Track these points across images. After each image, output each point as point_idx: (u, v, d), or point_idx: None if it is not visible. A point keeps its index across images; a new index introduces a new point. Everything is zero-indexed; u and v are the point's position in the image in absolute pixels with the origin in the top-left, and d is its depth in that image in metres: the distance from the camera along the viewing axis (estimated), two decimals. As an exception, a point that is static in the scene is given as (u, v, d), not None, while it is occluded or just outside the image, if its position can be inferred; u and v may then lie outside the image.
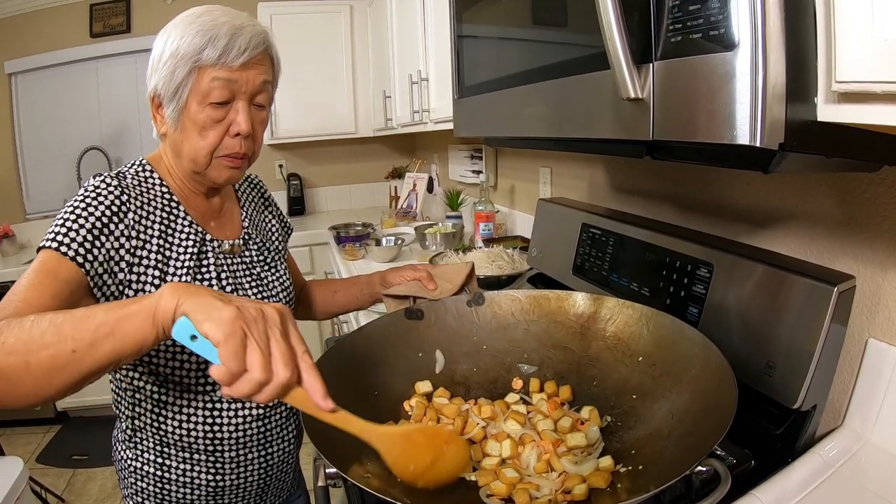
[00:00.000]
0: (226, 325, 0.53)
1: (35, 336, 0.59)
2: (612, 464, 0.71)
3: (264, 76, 0.87)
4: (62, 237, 0.75)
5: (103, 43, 3.34)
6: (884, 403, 0.81)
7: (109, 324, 0.59)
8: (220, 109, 0.84)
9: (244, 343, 0.53)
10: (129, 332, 0.58)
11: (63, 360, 0.58)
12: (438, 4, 1.87)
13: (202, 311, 0.54)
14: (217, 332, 0.53)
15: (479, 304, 0.98)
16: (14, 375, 0.59)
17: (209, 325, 0.53)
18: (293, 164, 3.82)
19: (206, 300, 0.55)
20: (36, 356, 0.58)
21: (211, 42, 0.80)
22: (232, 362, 0.52)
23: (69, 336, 0.58)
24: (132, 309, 0.59)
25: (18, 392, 0.60)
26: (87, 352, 0.58)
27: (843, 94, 0.49)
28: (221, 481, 0.94)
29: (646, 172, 1.34)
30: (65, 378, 0.60)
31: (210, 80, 0.81)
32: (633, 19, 0.60)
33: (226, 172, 0.89)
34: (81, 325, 0.59)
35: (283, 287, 1.03)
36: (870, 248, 0.84)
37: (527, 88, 0.88)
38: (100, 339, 0.58)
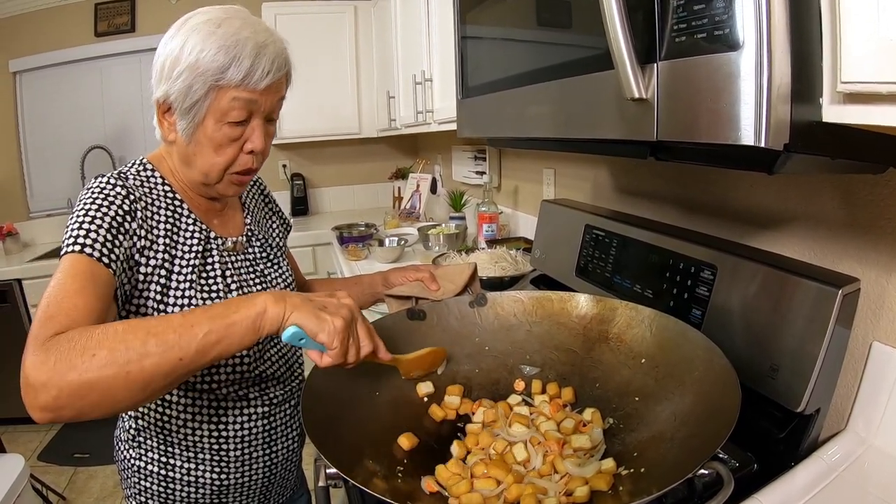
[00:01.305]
0: (339, 334, 0.67)
1: (135, 346, 0.61)
2: (615, 466, 0.70)
3: (281, 94, 0.87)
4: (83, 239, 0.74)
5: (108, 42, 3.34)
6: (888, 407, 0.81)
7: (217, 331, 0.64)
8: (237, 128, 0.83)
9: (348, 343, 0.69)
10: (235, 339, 0.65)
11: (167, 367, 0.62)
12: (443, 5, 1.87)
13: (314, 324, 0.66)
14: (332, 341, 0.67)
15: (481, 305, 0.98)
16: (109, 387, 0.60)
17: (324, 336, 0.66)
18: (297, 164, 3.82)
19: (312, 312, 0.67)
20: (137, 365, 0.61)
21: (234, 62, 0.78)
22: (340, 358, 0.68)
23: (175, 345, 0.62)
24: (236, 318, 0.65)
25: (108, 402, 0.62)
26: (193, 359, 0.63)
27: (849, 95, 0.49)
28: (226, 480, 0.94)
29: (650, 174, 1.33)
30: (162, 384, 0.63)
31: (230, 99, 0.80)
32: (638, 19, 0.60)
33: (233, 188, 0.90)
34: (187, 334, 0.63)
35: (287, 283, 1.03)
36: (874, 251, 0.83)
37: (530, 89, 0.88)
38: (207, 347, 0.64)
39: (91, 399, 0.60)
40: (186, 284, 0.85)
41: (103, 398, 0.61)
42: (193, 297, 0.85)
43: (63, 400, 0.59)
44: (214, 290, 0.88)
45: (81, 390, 0.59)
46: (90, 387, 0.60)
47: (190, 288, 0.85)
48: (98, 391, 0.60)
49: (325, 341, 0.66)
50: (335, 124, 3.39)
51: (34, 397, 0.60)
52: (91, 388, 0.60)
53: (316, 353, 0.69)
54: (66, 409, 0.60)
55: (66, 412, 0.60)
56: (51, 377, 0.59)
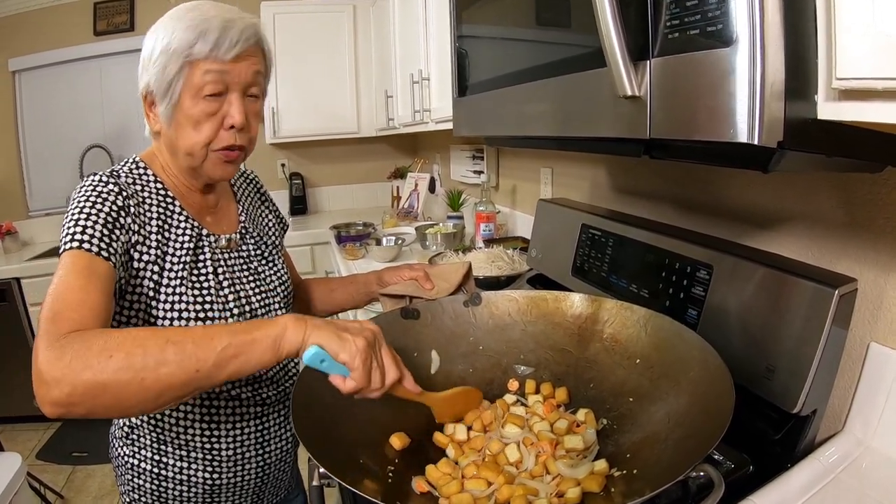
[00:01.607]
0: (361, 353, 0.65)
1: (153, 352, 0.61)
2: (607, 467, 0.70)
3: (256, 67, 0.86)
4: (80, 235, 0.74)
5: (107, 41, 3.35)
6: (885, 408, 0.80)
7: (235, 346, 0.63)
8: (214, 102, 0.83)
9: (371, 365, 0.67)
10: (254, 357, 0.64)
11: (183, 378, 0.62)
12: (440, 3, 1.86)
13: (335, 343, 0.65)
14: (353, 360, 0.65)
15: (476, 305, 0.97)
16: (122, 390, 0.60)
17: (345, 355, 0.65)
18: (295, 163, 3.82)
19: (333, 332, 0.66)
20: (153, 373, 0.61)
21: (202, 36, 0.79)
22: (364, 381, 0.66)
23: (193, 355, 0.62)
24: (256, 335, 0.65)
25: (120, 405, 0.62)
26: (210, 372, 0.63)
27: (844, 92, 0.48)
28: (218, 479, 0.93)
29: (647, 173, 1.33)
30: (176, 394, 0.63)
31: (202, 73, 0.81)
32: (631, 16, 0.59)
33: (221, 167, 0.89)
34: (206, 346, 0.62)
35: (281, 282, 1.02)
36: (873, 251, 0.83)
37: (525, 87, 0.87)
38: (225, 361, 0.63)
39: (103, 400, 0.60)
40: (177, 281, 0.85)
41: (116, 401, 0.61)
42: (184, 294, 0.85)
43: (76, 397, 0.60)
44: (206, 287, 0.88)
45: (95, 390, 0.60)
46: (103, 388, 0.60)
47: (181, 285, 0.85)
48: (111, 393, 0.60)
49: (346, 360, 0.65)
50: (334, 123, 3.39)
51: (46, 392, 0.60)
52: (104, 390, 0.60)
53: (339, 378, 0.67)
54: (77, 407, 0.60)
55: (77, 409, 0.61)
56: (65, 374, 0.59)
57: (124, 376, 0.60)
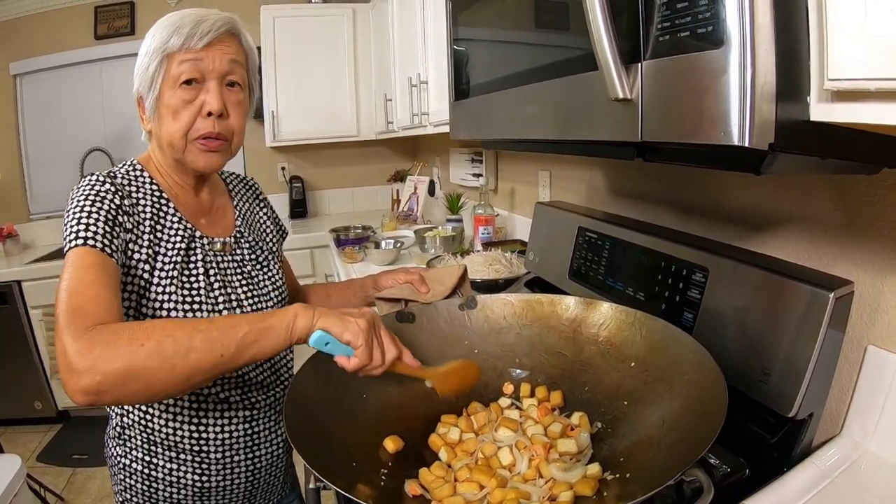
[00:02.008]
0: (363, 333, 0.72)
1: (182, 340, 0.66)
2: (600, 471, 0.69)
3: (231, 55, 0.88)
4: (85, 233, 0.76)
5: (108, 45, 3.35)
6: (883, 411, 0.80)
7: (254, 333, 0.69)
8: (190, 90, 0.86)
9: (373, 344, 0.73)
10: (269, 342, 0.70)
11: (210, 363, 0.67)
12: (437, 7, 1.86)
13: (339, 325, 0.72)
14: (357, 339, 0.71)
15: (471, 308, 0.97)
16: (152, 376, 0.64)
17: (349, 335, 0.71)
18: (295, 166, 3.82)
19: (337, 316, 0.72)
20: (183, 359, 0.65)
21: (177, 31, 0.83)
22: (367, 358, 0.72)
23: (218, 342, 0.67)
24: (271, 322, 0.70)
25: (148, 391, 0.66)
26: (232, 356, 0.68)
27: (836, 93, 0.48)
28: (207, 482, 0.93)
29: (643, 176, 1.33)
30: (202, 378, 0.68)
31: (178, 63, 0.84)
32: (622, 19, 0.59)
33: (203, 157, 0.89)
34: (229, 333, 0.68)
35: (275, 287, 1.02)
36: (870, 253, 0.82)
37: (519, 90, 0.87)
38: (245, 347, 0.69)
39: (132, 387, 0.64)
40: (167, 280, 0.86)
41: (144, 387, 0.65)
42: (174, 293, 0.86)
43: (106, 385, 0.63)
44: (195, 288, 0.89)
45: (125, 377, 0.63)
46: (134, 375, 0.63)
47: (170, 284, 0.86)
48: (141, 380, 0.64)
49: (350, 339, 0.71)
50: (333, 127, 3.39)
51: (77, 381, 0.62)
52: (134, 377, 0.63)
53: (343, 358, 0.73)
54: (106, 395, 0.63)
55: (106, 397, 0.64)
56: (96, 363, 0.62)
57: (154, 363, 0.64)
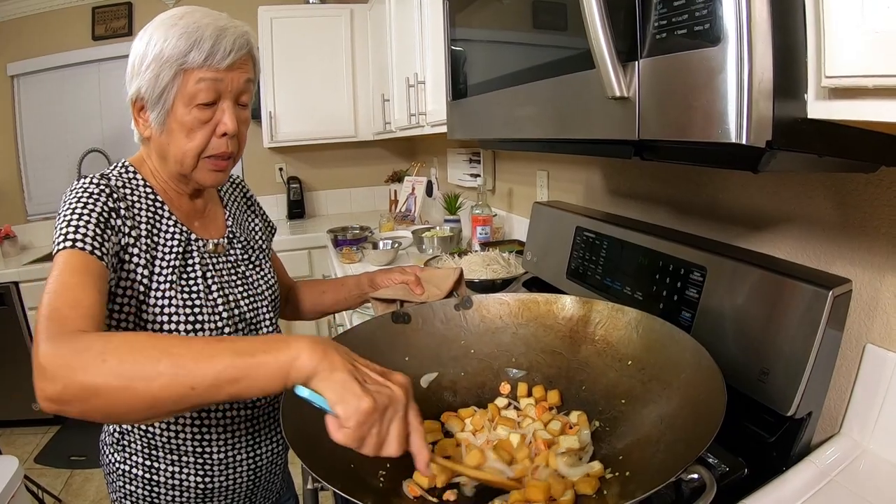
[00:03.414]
0: (360, 416, 0.56)
1: (147, 363, 0.57)
2: (602, 469, 0.69)
3: (248, 75, 0.87)
4: (73, 235, 0.75)
5: (105, 46, 3.35)
6: (882, 410, 0.79)
7: (237, 368, 0.57)
8: (207, 110, 0.84)
9: (369, 431, 0.57)
10: (257, 383, 0.58)
11: (177, 393, 0.57)
12: (435, 7, 1.86)
13: (335, 392, 0.57)
14: (350, 420, 0.56)
15: (466, 308, 0.97)
16: (115, 397, 0.57)
17: (341, 409, 0.56)
18: (293, 167, 3.81)
19: (344, 379, 0.57)
20: (146, 384, 0.57)
21: (196, 45, 0.80)
22: (351, 442, 0.57)
23: (189, 371, 0.57)
24: (263, 359, 0.58)
25: (113, 412, 0.59)
26: (206, 391, 0.57)
27: (834, 90, 0.48)
28: (210, 483, 0.93)
29: (641, 175, 1.32)
30: (171, 408, 0.59)
31: (196, 81, 0.81)
32: (619, 17, 0.59)
33: (211, 175, 0.89)
34: (204, 363, 0.57)
35: (269, 286, 1.02)
36: (868, 252, 0.82)
37: (517, 90, 0.87)
38: (223, 383, 0.57)
39: (95, 404, 0.58)
40: (167, 285, 0.85)
41: (107, 406, 0.58)
42: (174, 298, 0.85)
43: (68, 396, 0.58)
44: (195, 291, 0.88)
45: (86, 393, 0.58)
46: (94, 392, 0.57)
47: (170, 288, 0.85)
48: (102, 398, 0.58)
49: (340, 414, 0.56)
50: (331, 127, 3.39)
51: (43, 387, 0.58)
52: (95, 394, 0.57)
53: (334, 423, 0.57)
54: (70, 406, 0.59)
55: (70, 408, 0.59)
56: (61, 371, 0.58)
57: (115, 382, 0.57)
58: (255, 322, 0.96)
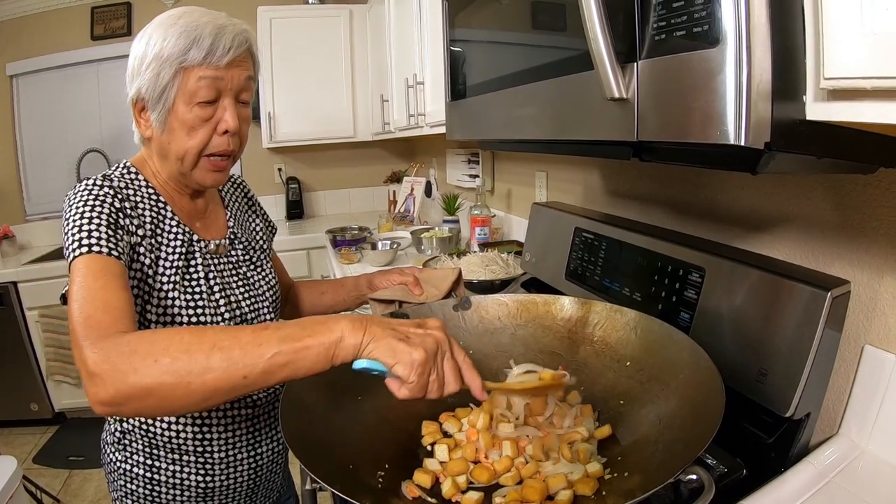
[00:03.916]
0: (417, 367, 0.60)
1: (198, 359, 0.60)
2: (601, 469, 0.69)
3: (248, 73, 0.87)
4: (87, 240, 0.74)
5: (104, 45, 3.35)
6: (880, 411, 0.79)
7: (285, 354, 0.60)
8: (208, 108, 0.84)
9: (428, 378, 0.62)
10: (305, 364, 0.61)
11: (231, 384, 0.60)
12: (434, 8, 1.86)
13: (391, 355, 0.61)
14: (409, 374, 0.60)
15: (465, 309, 0.97)
16: (169, 393, 0.60)
17: (401, 368, 0.60)
18: (292, 167, 3.81)
19: (389, 345, 0.61)
20: (200, 378, 0.59)
21: (196, 42, 0.80)
22: (419, 392, 0.62)
23: (240, 362, 0.60)
24: (309, 342, 0.61)
25: (167, 407, 0.61)
26: (258, 378, 0.60)
27: (833, 92, 0.48)
28: (211, 482, 0.93)
29: (640, 176, 1.32)
30: (225, 397, 0.62)
31: (196, 79, 0.81)
32: (618, 19, 0.59)
33: (211, 175, 0.89)
34: (254, 353, 0.60)
35: (270, 286, 1.02)
36: (866, 253, 0.82)
37: (515, 90, 0.87)
38: (274, 368, 0.60)
39: (149, 402, 0.60)
40: (170, 286, 0.85)
41: (162, 403, 0.60)
42: (177, 298, 0.86)
43: (120, 398, 0.60)
44: (197, 292, 0.88)
45: (140, 393, 0.59)
46: (149, 391, 0.59)
47: (173, 289, 0.86)
48: (157, 396, 0.60)
49: (401, 374, 0.61)
50: (330, 128, 3.39)
51: (95, 392, 0.60)
52: (150, 393, 0.59)
53: (394, 383, 0.63)
54: (125, 407, 0.60)
55: (125, 409, 0.61)
56: (111, 375, 0.59)
57: (169, 380, 0.59)
58: (255, 322, 0.97)
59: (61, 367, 2.94)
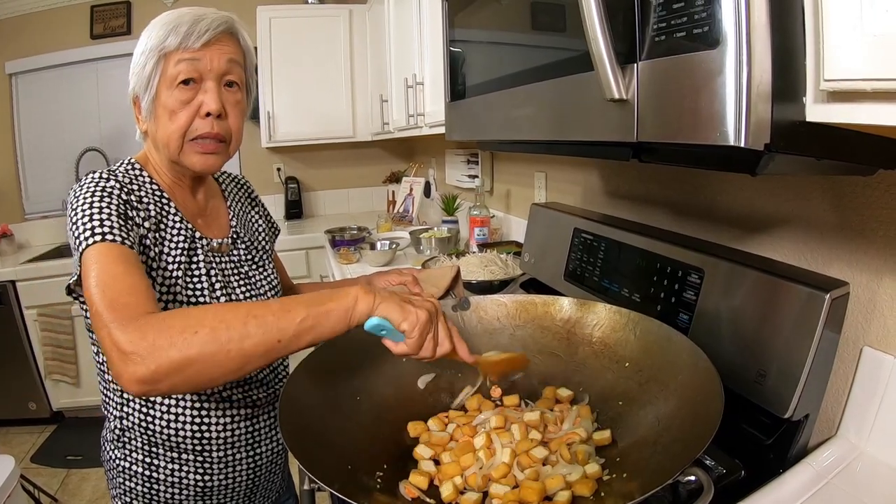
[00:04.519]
0: (420, 325, 0.69)
1: (236, 326, 0.64)
2: (600, 470, 0.69)
3: (229, 55, 0.87)
4: (100, 228, 0.75)
5: (104, 44, 3.34)
6: (879, 413, 0.79)
7: (312, 317, 0.67)
8: (188, 91, 0.85)
9: (426, 336, 0.70)
10: (328, 326, 0.68)
11: (266, 347, 0.65)
12: (434, 8, 1.86)
13: (399, 313, 0.69)
14: (412, 330, 0.69)
15: (464, 309, 0.97)
16: (208, 363, 0.63)
17: (406, 324, 0.69)
18: (291, 167, 3.81)
19: (397, 304, 0.70)
20: (238, 345, 0.63)
21: (174, 31, 0.82)
22: (415, 348, 0.70)
23: (275, 327, 0.65)
24: (330, 306, 0.68)
25: (204, 378, 0.64)
26: (290, 341, 0.66)
27: (833, 93, 0.48)
28: (210, 481, 0.93)
29: (639, 177, 1.32)
30: (258, 364, 0.66)
31: (175, 63, 0.83)
32: (618, 19, 0.59)
33: (200, 159, 0.88)
34: (286, 318, 0.65)
35: (271, 286, 1.02)
36: (865, 255, 0.82)
37: (515, 91, 0.87)
38: (303, 331, 0.66)
39: (187, 374, 0.63)
40: (172, 281, 0.86)
41: (199, 373, 0.63)
42: (179, 294, 0.86)
43: (161, 373, 0.62)
44: (199, 289, 0.89)
45: (181, 365, 0.62)
46: (189, 362, 0.62)
47: (175, 284, 0.86)
48: (196, 366, 0.62)
49: (406, 330, 0.69)
50: (329, 128, 3.38)
51: (133, 371, 0.61)
52: (190, 364, 0.62)
53: (391, 342, 0.71)
54: (162, 383, 0.62)
55: (162, 385, 0.63)
56: (151, 352, 0.61)
57: (210, 349, 0.62)
58: None
59: (59, 366, 2.94)
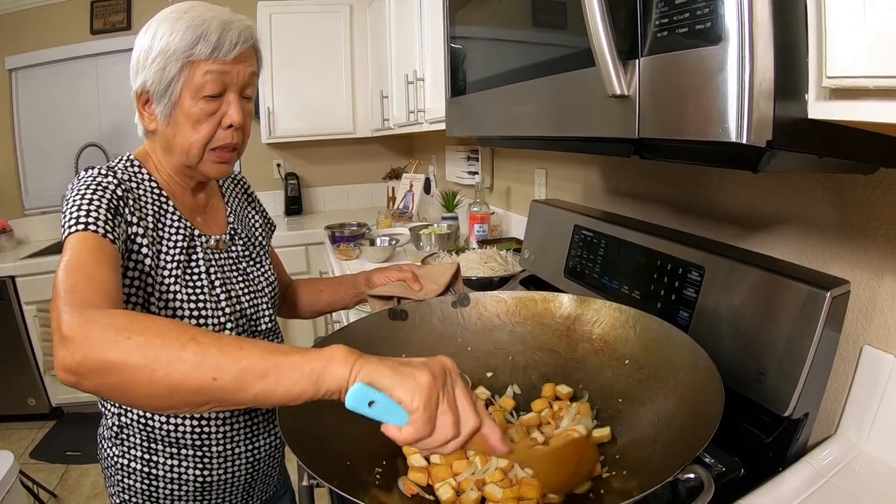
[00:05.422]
0: (424, 390, 0.51)
1: (172, 345, 0.54)
2: (599, 468, 0.69)
3: (252, 68, 0.89)
4: (85, 218, 0.74)
5: (103, 40, 3.34)
6: (879, 412, 0.79)
7: (263, 366, 0.54)
8: (213, 102, 0.85)
9: (436, 407, 0.53)
10: (283, 384, 0.53)
11: (197, 383, 0.54)
12: (435, 5, 1.86)
13: (388, 377, 0.52)
14: (412, 399, 0.51)
15: (464, 306, 0.97)
16: (132, 376, 0.54)
17: (401, 391, 0.52)
18: (291, 163, 3.81)
19: (387, 366, 0.53)
20: (166, 368, 0.53)
21: (203, 37, 0.81)
22: (427, 428, 0.52)
23: (213, 361, 0.53)
24: (294, 359, 0.54)
25: (129, 393, 0.56)
26: (230, 385, 0.54)
27: (835, 91, 0.47)
28: (209, 476, 0.93)
29: (640, 174, 1.32)
30: (189, 400, 0.55)
31: (203, 73, 0.82)
32: (620, 15, 0.59)
33: (216, 167, 0.90)
34: (230, 355, 0.54)
35: (269, 282, 1.03)
36: (865, 253, 0.82)
37: (516, 87, 0.87)
38: (248, 380, 0.53)
39: (111, 380, 0.55)
40: (171, 279, 0.86)
41: (123, 384, 0.55)
42: (178, 292, 0.86)
43: (85, 369, 0.55)
44: (199, 286, 0.89)
45: (104, 367, 0.55)
46: (112, 368, 0.54)
47: (175, 283, 0.86)
48: (119, 376, 0.54)
49: (402, 399, 0.51)
50: (329, 124, 3.38)
51: (62, 356, 0.56)
52: (113, 370, 0.54)
53: (393, 427, 0.52)
54: (86, 379, 0.56)
55: (86, 382, 0.56)
56: (83, 342, 0.55)
57: (135, 361, 0.54)
58: (254, 318, 0.97)
59: (59, 361, 2.93)
